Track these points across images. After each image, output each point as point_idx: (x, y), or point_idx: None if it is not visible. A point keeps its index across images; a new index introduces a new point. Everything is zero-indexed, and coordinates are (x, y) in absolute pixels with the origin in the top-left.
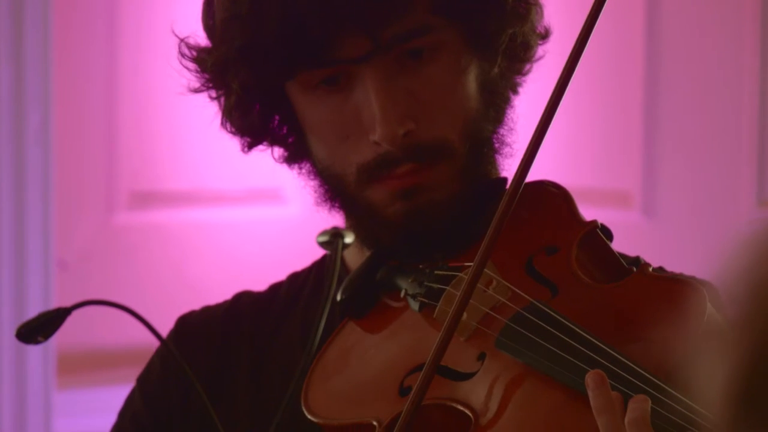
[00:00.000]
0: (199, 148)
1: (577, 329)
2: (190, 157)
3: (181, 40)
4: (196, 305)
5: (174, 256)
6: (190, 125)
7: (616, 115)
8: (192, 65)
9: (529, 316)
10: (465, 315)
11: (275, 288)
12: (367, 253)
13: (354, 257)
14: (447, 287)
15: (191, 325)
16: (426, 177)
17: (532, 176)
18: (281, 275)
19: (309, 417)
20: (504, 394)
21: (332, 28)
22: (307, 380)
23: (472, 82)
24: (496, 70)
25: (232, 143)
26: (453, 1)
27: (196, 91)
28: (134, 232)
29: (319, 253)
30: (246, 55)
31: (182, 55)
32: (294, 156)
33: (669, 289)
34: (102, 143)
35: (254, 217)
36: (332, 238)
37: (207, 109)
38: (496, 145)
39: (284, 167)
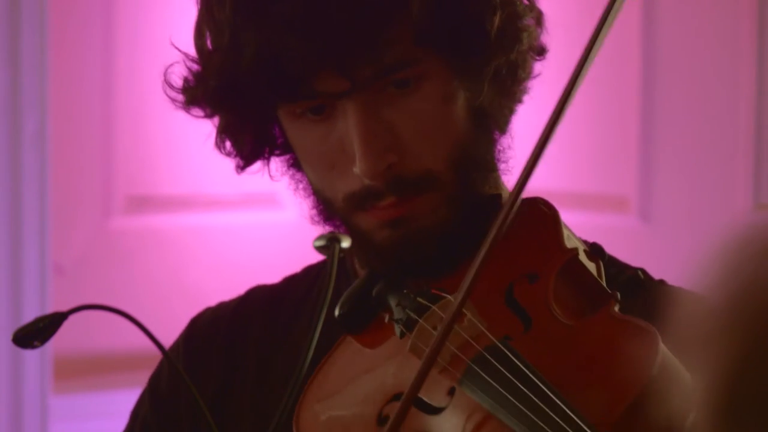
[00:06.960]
0: (196, 153)
1: (532, 377)
2: (187, 162)
3: (167, 68)
4: (193, 310)
5: (171, 260)
6: (187, 130)
7: (612, 120)
8: (178, 94)
9: (489, 358)
10: None
11: (289, 281)
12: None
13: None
14: (421, 320)
15: (201, 324)
16: (410, 208)
17: (532, 181)
18: (277, 280)
19: None
20: None
21: (308, 66)
22: (301, 398)
23: (460, 109)
24: (484, 97)
25: None
26: (436, 34)
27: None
28: (131, 236)
29: (316, 257)
30: (224, 87)
31: (168, 84)
32: (292, 172)
33: (624, 332)
34: (98, 147)
35: (251, 222)
36: (329, 243)
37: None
38: (491, 165)
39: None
